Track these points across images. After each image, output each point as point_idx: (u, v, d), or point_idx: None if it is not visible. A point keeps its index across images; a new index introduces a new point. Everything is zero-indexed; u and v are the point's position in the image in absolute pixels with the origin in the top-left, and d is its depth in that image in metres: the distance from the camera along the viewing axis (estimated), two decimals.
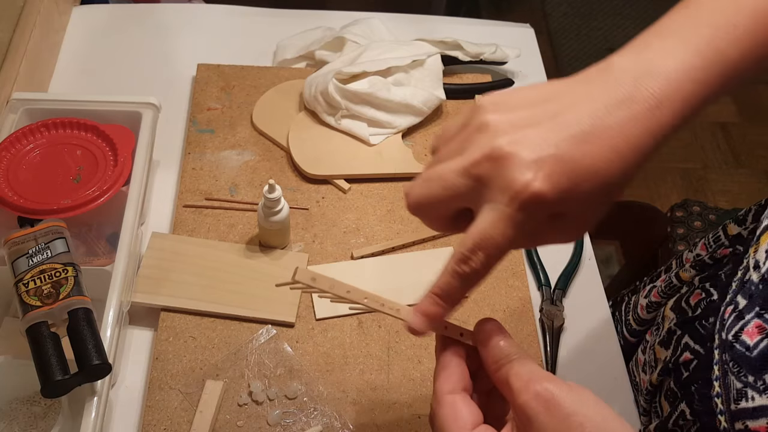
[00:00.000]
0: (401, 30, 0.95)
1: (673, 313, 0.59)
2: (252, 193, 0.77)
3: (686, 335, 0.54)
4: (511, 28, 1.03)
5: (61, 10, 0.92)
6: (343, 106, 0.81)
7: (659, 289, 0.66)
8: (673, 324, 0.57)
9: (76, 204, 0.66)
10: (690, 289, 0.58)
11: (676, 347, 0.55)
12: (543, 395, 0.36)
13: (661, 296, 0.66)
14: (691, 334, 0.54)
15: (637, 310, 0.71)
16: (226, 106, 0.85)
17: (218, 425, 0.61)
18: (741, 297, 0.49)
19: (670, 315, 0.59)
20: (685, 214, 1.32)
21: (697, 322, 0.54)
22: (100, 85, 0.87)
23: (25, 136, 0.71)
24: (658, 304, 0.67)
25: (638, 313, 0.71)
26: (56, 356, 0.53)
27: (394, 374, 0.66)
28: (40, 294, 0.56)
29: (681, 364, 0.53)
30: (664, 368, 0.56)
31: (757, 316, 0.46)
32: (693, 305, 0.55)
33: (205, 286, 0.69)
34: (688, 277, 0.61)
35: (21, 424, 0.60)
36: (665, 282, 0.65)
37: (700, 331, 0.53)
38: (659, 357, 0.58)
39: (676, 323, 0.57)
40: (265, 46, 0.94)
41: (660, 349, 0.58)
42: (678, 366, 0.54)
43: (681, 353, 0.54)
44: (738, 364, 0.46)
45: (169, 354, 0.65)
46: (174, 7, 1.00)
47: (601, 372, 0.71)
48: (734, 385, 0.46)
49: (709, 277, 0.57)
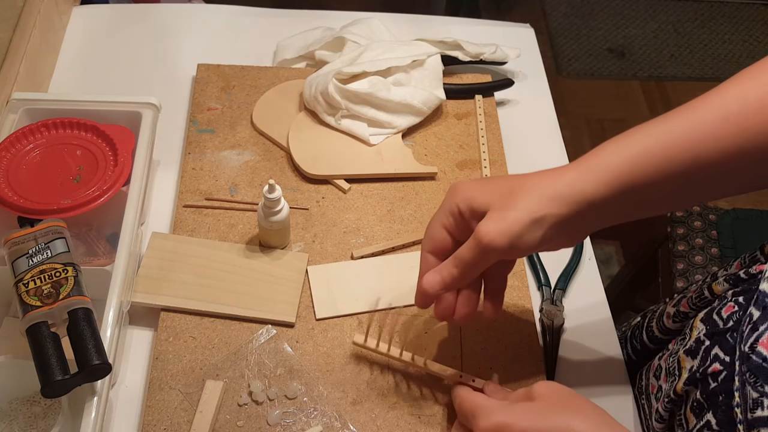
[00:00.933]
0: (401, 30, 0.95)
1: (703, 324, 0.58)
2: (252, 193, 0.77)
3: (716, 346, 0.54)
4: (511, 28, 1.03)
5: (61, 10, 0.92)
6: (343, 106, 0.81)
7: (689, 300, 0.66)
8: (702, 334, 0.56)
9: (76, 204, 0.66)
10: (722, 302, 0.57)
11: (705, 358, 0.54)
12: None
13: (690, 307, 0.65)
14: (722, 345, 0.53)
15: (663, 318, 0.70)
16: (226, 106, 0.85)
17: (218, 425, 0.61)
18: (755, 308, 0.50)
19: (699, 326, 0.58)
20: (685, 214, 1.32)
21: (728, 334, 0.53)
22: (100, 85, 0.87)
23: (25, 136, 0.71)
24: (686, 314, 0.66)
25: (663, 322, 0.70)
26: (56, 356, 0.53)
27: (394, 374, 0.66)
28: (40, 294, 0.56)
29: (709, 375, 0.53)
30: (691, 378, 0.55)
31: None
32: (725, 318, 0.55)
33: (205, 286, 0.69)
34: (721, 291, 0.61)
35: (21, 424, 0.60)
36: (696, 293, 0.65)
37: (730, 342, 0.52)
38: (684, 365, 0.57)
39: (706, 334, 0.56)
40: (265, 46, 0.94)
41: (686, 358, 0.57)
42: (706, 376, 0.53)
43: (710, 364, 0.53)
44: (754, 375, 0.47)
45: (169, 354, 0.65)
46: (174, 7, 1.00)
47: (601, 372, 0.71)
48: (751, 394, 0.47)
49: (743, 292, 0.57)
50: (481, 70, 0.93)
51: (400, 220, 0.77)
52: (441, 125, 0.87)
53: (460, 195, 0.55)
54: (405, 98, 0.82)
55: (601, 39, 2.44)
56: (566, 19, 2.49)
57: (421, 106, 0.83)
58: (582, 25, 2.48)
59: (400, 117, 0.83)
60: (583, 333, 0.73)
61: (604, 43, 2.43)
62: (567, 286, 0.75)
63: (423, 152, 0.84)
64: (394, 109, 0.83)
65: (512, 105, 0.93)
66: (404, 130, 0.84)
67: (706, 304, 0.63)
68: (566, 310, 0.73)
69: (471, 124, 0.87)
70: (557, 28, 2.46)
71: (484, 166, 0.82)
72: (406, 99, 0.82)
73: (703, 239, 1.27)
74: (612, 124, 2.18)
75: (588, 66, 2.34)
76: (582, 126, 2.17)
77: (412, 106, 0.83)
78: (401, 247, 0.75)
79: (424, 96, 0.83)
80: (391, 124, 0.83)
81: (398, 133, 0.84)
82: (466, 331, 0.69)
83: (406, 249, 0.75)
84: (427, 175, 0.81)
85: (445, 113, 0.88)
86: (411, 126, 0.84)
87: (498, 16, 2.41)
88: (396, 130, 0.84)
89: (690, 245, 1.26)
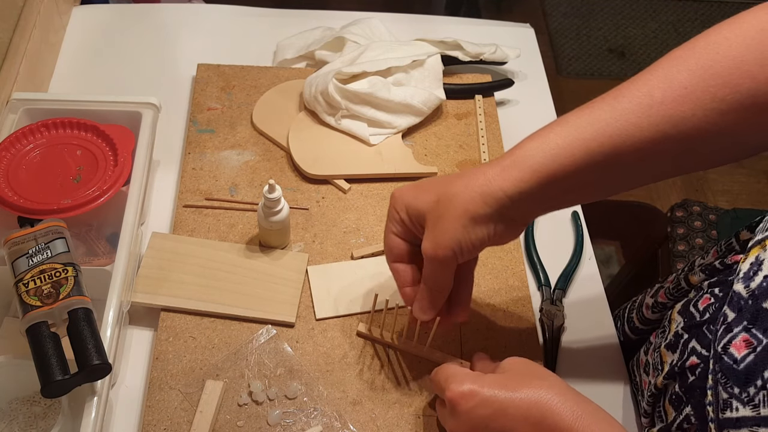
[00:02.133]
0: (401, 30, 0.95)
1: (680, 316, 0.58)
2: (252, 193, 0.77)
3: (693, 339, 0.54)
4: (511, 28, 1.03)
5: (61, 10, 0.92)
6: (343, 106, 0.81)
7: (666, 290, 0.66)
8: (680, 328, 0.57)
9: (76, 204, 0.66)
10: (698, 294, 0.58)
11: (683, 351, 0.55)
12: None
13: (668, 297, 0.66)
14: (698, 338, 0.54)
15: (642, 309, 0.71)
16: (226, 106, 0.85)
17: (218, 425, 0.61)
18: (729, 309, 0.50)
19: (677, 318, 0.59)
20: (685, 214, 1.32)
21: (704, 327, 0.54)
22: (100, 85, 0.87)
23: (25, 136, 0.71)
24: (663, 305, 0.67)
25: (643, 313, 0.70)
26: (56, 356, 0.53)
27: (394, 374, 0.66)
28: (40, 294, 0.56)
29: (687, 368, 0.53)
30: (670, 372, 0.56)
31: (745, 330, 0.47)
32: (701, 310, 0.55)
33: (205, 286, 0.69)
34: (697, 281, 0.61)
35: (21, 424, 0.60)
36: (673, 283, 0.65)
37: (707, 336, 0.53)
38: (665, 360, 0.58)
39: (683, 327, 0.57)
40: (265, 46, 0.94)
41: (666, 353, 0.58)
42: (684, 370, 0.54)
43: (688, 357, 0.54)
44: (725, 376, 0.47)
45: (169, 354, 0.65)
46: (174, 7, 1.00)
47: (601, 372, 0.71)
48: (721, 395, 0.47)
49: (719, 283, 0.57)
50: (481, 70, 0.93)
51: None
52: (441, 125, 0.87)
53: (399, 203, 0.58)
54: (405, 98, 0.82)
55: (602, 39, 2.44)
56: (566, 19, 2.49)
57: (421, 106, 0.83)
58: (582, 25, 2.48)
59: (400, 117, 0.83)
60: (583, 333, 0.73)
61: (604, 43, 2.43)
62: (567, 286, 0.75)
63: (423, 152, 0.84)
64: (394, 109, 0.83)
65: (512, 105, 0.93)
66: (404, 130, 0.84)
67: (683, 294, 0.63)
68: (566, 310, 0.73)
69: (471, 124, 0.87)
70: (557, 28, 2.46)
71: None
72: (406, 99, 0.82)
73: (703, 239, 1.27)
74: None
75: (588, 66, 2.34)
76: None
77: (412, 106, 0.83)
78: None
79: (424, 96, 0.83)
80: (391, 124, 0.83)
81: (398, 133, 0.84)
82: (466, 331, 0.69)
83: None
84: (427, 175, 0.81)
85: (445, 113, 0.88)
86: (411, 126, 0.84)
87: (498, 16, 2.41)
88: (396, 130, 0.84)
89: (690, 245, 1.26)
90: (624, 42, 2.44)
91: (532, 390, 0.52)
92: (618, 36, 2.45)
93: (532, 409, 0.51)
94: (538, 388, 0.52)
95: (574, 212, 0.82)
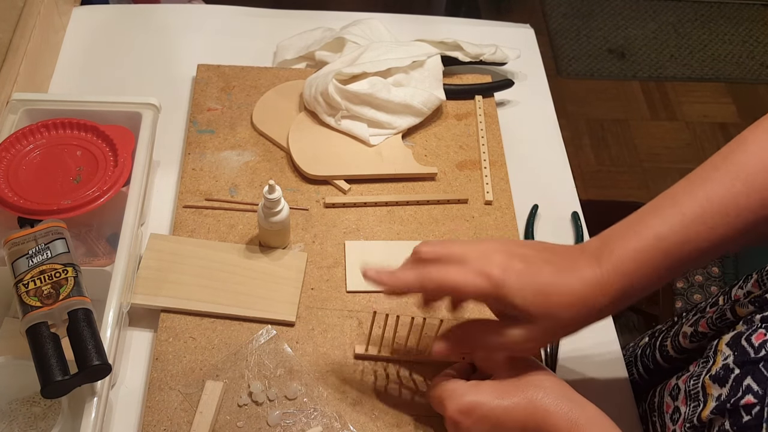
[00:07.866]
0: (401, 30, 0.95)
1: (730, 349, 0.56)
2: (252, 194, 0.77)
3: (748, 376, 0.52)
4: (511, 28, 1.03)
5: (61, 11, 0.92)
6: (343, 107, 0.81)
7: (709, 320, 0.64)
8: (732, 362, 0.54)
9: (76, 204, 0.66)
10: (751, 328, 0.55)
11: (736, 388, 0.52)
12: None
13: (710, 328, 0.64)
14: (755, 376, 0.51)
15: (678, 338, 0.69)
16: (226, 107, 0.85)
17: (218, 426, 0.61)
18: None
19: (725, 350, 0.56)
20: None
21: (761, 364, 0.51)
22: (100, 85, 0.87)
23: (25, 136, 0.71)
24: (704, 335, 0.65)
25: (679, 341, 0.69)
26: (56, 357, 0.53)
27: (394, 374, 0.66)
28: (40, 294, 0.56)
29: (741, 407, 0.51)
30: (720, 407, 0.53)
31: None
32: (756, 346, 0.53)
33: (205, 287, 0.69)
34: (745, 313, 0.59)
35: (21, 424, 0.60)
36: (716, 314, 0.63)
37: (764, 374, 0.50)
38: (710, 392, 0.55)
39: (735, 361, 0.54)
40: (265, 47, 0.94)
41: (712, 385, 0.55)
42: (737, 408, 0.51)
43: (743, 396, 0.51)
44: None
45: (169, 354, 0.65)
46: (174, 7, 1.00)
47: (601, 372, 0.71)
48: None
49: None
50: (481, 70, 0.93)
51: (399, 220, 0.77)
52: (441, 126, 0.87)
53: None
54: (405, 99, 0.82)
55: (601, 39, 2.44)
56: (566, 20, 2.49)
57: (421, 106, 0.83)
58: (582, 26, 2.48)
59: (400, 117, 0.83)
60: (583, 333, 0.73)
61: (604, 43, 2.43)
62: None
63: (423, 153, 0.84)
64: (394, 110, 0.83)
65: (512, 105, 0.93)
66: (404, 131, 0.84)
67: (729, 325, 0.61)
68: None
69: (471, 125, 0.87)
70: (557, 28, 2.46)
71: (483, 166, 0.82)
72: (406, 100, 0.82)
73: (703, 276, 1.27)
74: (612, 125, 2.18)
75: (588, 66, 2.34)
76: (582, 126, 2.17)
77: (412, 107, 0.83)
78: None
79: (424, 96, 0.83)
80: (391, 124, 0.83)
81: (398, 133, 0.84)
82: None
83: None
84: (427, 175, 0.81)
85: (445, 114, 0.88)
86: (411, 126, 0.84)
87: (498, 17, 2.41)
88: (396, 131, 0.84)
89: (690, 282, 1.26)
90: (624, 42, 2.44)
91: (527, 397, 0.53)
92: (618, 36, 2.45)
93: (529, 418, 0.53)
94: (534, 395, 0.53)
95: (574, 212, 0.82)
